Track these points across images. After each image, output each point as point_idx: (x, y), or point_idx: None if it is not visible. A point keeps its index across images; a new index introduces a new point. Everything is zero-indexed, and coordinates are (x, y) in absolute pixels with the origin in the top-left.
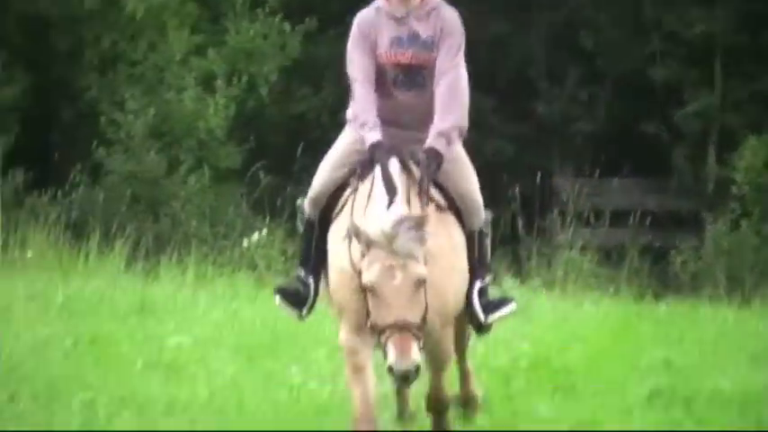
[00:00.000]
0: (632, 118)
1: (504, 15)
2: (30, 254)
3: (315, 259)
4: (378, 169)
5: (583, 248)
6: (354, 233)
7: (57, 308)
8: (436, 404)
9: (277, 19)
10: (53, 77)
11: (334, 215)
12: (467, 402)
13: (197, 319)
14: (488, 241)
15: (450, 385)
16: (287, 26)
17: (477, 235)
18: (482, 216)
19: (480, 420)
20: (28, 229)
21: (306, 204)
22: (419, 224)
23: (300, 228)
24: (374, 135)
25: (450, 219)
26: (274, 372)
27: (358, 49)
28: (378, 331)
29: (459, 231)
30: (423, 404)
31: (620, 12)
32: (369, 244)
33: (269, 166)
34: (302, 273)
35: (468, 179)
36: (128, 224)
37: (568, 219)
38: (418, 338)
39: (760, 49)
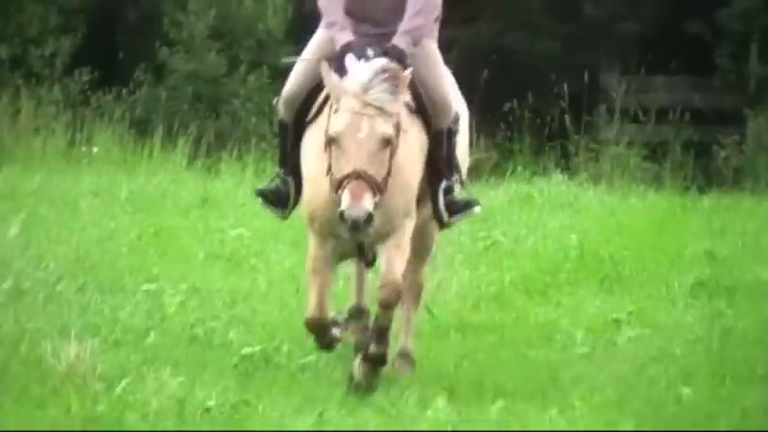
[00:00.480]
0: (677, 18)
1: None
2: (95, 150)
3: (291, 160)
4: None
5: (629, 144)
6: (330, 88)
7: (121, 202)
8: (387, 299)
9: None
10: None
11: (308, 120)
12: (402, 355)
13: (256, 214)
14: (459, 137)
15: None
16: None
17: (447, 133)
18: (450, 115)
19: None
20: (94, 127)
21: (280, 105)
22: (396, 77)
23: (277, 134)
24: (345, 35)
25: (415, 121)
26: None
27: None
28: (336, 185)
29: (422, 131)
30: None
31: None
32: (342, 94)
33: None
34: (281, 172)
35: (436, 77)
36: (190, 122)
37: (615, 115)
38: (374, 193)
39: None
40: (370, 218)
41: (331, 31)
